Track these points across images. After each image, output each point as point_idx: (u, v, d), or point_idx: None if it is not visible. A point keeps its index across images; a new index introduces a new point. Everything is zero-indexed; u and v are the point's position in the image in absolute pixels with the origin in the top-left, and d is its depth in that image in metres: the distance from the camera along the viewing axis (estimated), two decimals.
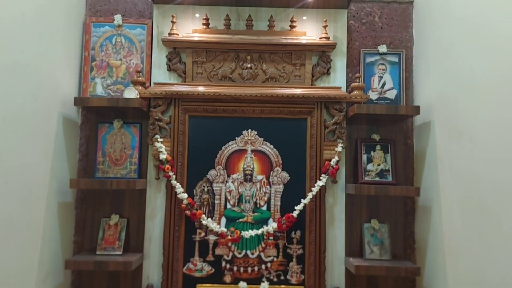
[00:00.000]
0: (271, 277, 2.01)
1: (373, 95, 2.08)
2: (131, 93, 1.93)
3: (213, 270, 2.01)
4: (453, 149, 1.71)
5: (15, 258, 1.54)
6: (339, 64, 2.08)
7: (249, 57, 2.07)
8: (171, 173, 1.96)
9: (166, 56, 2.07)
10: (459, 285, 1.63)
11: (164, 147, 1.98)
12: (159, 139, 1.98)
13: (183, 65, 2.06)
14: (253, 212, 2.05)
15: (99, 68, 2.06)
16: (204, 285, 1.97)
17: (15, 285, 1.53)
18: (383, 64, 2.10)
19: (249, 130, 2.07)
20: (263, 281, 1.99)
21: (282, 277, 2.01)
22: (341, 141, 2.02)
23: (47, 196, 1.76)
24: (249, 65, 2.07)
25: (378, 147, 2.04)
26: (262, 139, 2.06)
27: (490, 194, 1.43)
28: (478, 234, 1.50)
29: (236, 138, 2.06)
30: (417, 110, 1.94)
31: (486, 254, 1.44)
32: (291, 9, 2.08)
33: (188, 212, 1.96)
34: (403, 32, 2.15)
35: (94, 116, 2.07)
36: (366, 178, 2.01)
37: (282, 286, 1.99)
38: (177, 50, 2.06)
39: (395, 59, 2.10)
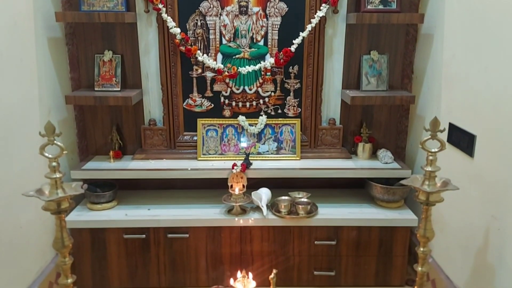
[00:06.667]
0: (269, 111, 2.06)
1: None
2: None
3: (212, 105, 2.05)
4: None
5: (15, 92, 1.56)
6: None
7: None
8: (160, 6, 1.84)
9: None
10: (451, 110, 1.66)
11: None
12: None
13: None
14: (250, 47, 1.99)
15: None
16: (204, 119, 2.03)
17: (20, 118, 1.59)
18: None
19: None
20: (261, 115, 2.04)
21: (279, 111, 2.06)
22: None
23: (34, 30, 1.70)
24: None
25: None
26: None
27: (494, 17, 1.36)
28: (477, 59, 1.47)
29: None
30: None
31: (482, 78, 1.43)
32: None
33: (182, 48, 1.91)
34: None
35: None
36: (369, 7, 1.88)
37: (279, 119, 2.05)
38: None
39: None
